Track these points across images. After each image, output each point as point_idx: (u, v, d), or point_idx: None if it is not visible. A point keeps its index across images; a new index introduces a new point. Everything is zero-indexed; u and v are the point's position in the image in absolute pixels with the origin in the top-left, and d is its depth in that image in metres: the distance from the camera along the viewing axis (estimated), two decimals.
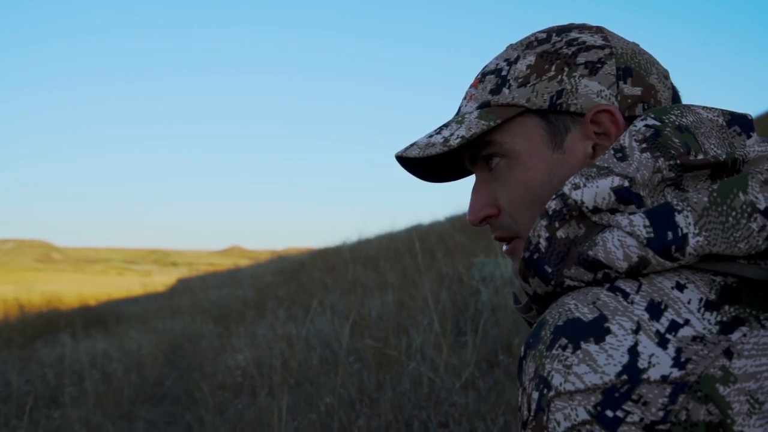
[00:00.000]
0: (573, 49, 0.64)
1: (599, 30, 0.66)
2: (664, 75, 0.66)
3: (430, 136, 0.67)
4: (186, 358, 5.56)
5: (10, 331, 8.46)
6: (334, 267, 7.78)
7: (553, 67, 0.64)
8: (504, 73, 0.66)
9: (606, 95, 0.63)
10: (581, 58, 0.64)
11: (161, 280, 23.58)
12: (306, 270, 8.83)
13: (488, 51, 0.72)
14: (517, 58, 0.66)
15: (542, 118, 0.64)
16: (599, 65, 0.63)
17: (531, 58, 0.65)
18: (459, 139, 0.64)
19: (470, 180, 0.72)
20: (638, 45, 0.67)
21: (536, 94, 0.63)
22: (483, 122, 0.64)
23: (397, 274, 6.03)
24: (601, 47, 0.64)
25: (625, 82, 0.63)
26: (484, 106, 0.66)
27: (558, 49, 0.65)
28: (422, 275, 5.24)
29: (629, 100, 0.63)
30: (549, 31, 0.67)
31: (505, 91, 0.65)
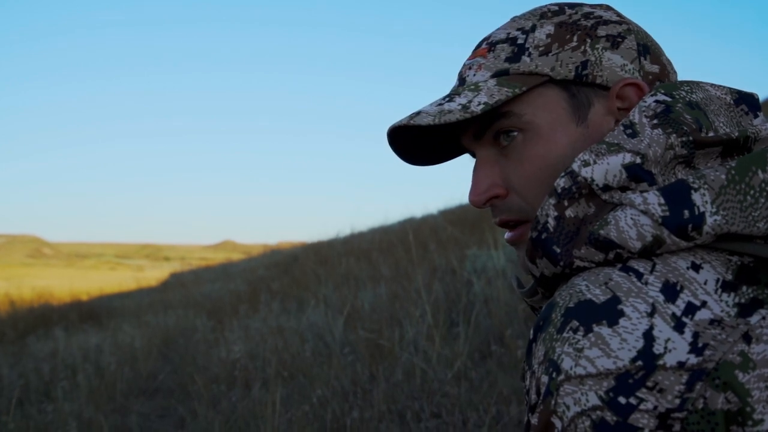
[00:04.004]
0: (591, 21, 0.62)
1: (609, 7, 0.65)
2: (668, 58, 0.66)
3: (440, 104, 0.61)
4: (179, 352, 5.55)
5: (1, 327, 8.42)
6: (327, 260, 7.77)
7: (575, 38, 0.61)
8: (521, 41, 0.62)
9: (630, 69, 0.61)
10: (602, 31, 0.61)
11: (154, 274, 23.49)
12: (299, 263, 8.82)
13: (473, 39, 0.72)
14: (534, 27, 0.62)
15: (565, 89, 0.61)
16: (620, 39, 0.61)
17: (550, 27, 0.62)
18: (482, 106, 0.58)
19: (463, 170, 0.71)
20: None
21: (561, 63, 0.60)
22: (506, 89, 0.59)
23: (390, 266, 6.04)
24: (618, 22, 0.63)
25: (645, 59, 0.62)
26: (501, 74, 0.61)
27: (576, 21, 0.62)
28: (415, 267, 5.25)
29: (650, 77, 0.62)
30: (560, 5, 0.64)
31: (526, 59, 0.61)
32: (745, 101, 0.59)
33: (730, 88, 0.60)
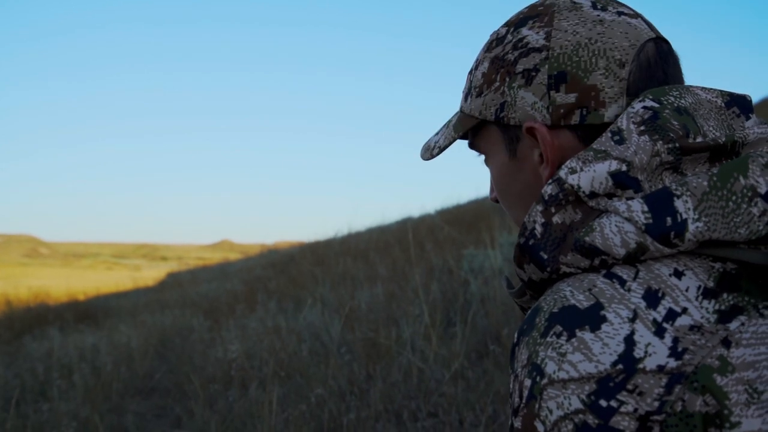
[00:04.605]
0: (516, 54, 0.62)
1: (550, 21, 0.61)
2: (620, 63, 0.59)
3: (436, 133, 0.73)
4: (176, 352, 5.54)
5: None
6: (324, 260, 7.78)
7: (498, 77, 0.63)
8: (471, 78, 0.67)
9: (539, 107, 0.60)
10: (520, 66, 0.61)
11: (151, 274, 23.50)
12: (296, 263, 8.82)
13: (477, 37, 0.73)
14: (479, 64, 0.66)
15: (498, 126, 0.65)
16: (534, 73, 0.60)
17: (486, 65, 0.65)
18: (437, 150, 0.70)
19: (461, 171, 0.75)
20: (599, 25, 0.60)
21: (485, 106, 0.64)
22: (452, 134, 0.68)
23: (387, 266, 6.05)
24: (539, 49, 0.60)
25: (558, 90, 0.59)
26: (461, 110, 0.69)
27: (505, 55, 0.62)
28: (412, 267, 5.26)
29: (562, 110, 0.59)
30: (509, 24, 0.64)
31: (469, 100, 0.67)
32: (737, 103, 0.59)
33: (721, 91, 0.60)
